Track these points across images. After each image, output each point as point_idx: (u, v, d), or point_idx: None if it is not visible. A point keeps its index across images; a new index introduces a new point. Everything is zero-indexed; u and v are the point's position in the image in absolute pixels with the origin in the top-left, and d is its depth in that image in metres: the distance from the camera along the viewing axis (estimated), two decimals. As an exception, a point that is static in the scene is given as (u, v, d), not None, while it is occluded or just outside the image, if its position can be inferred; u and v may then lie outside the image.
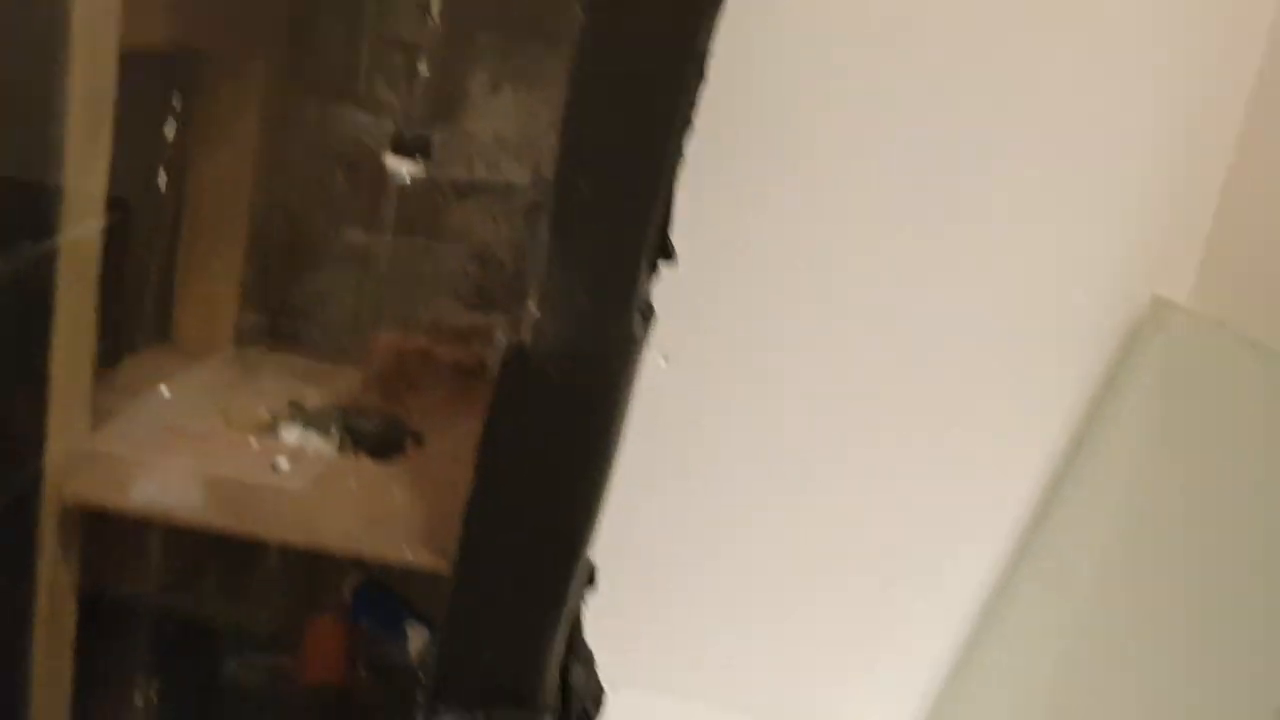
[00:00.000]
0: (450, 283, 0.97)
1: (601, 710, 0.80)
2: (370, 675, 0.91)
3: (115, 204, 0.69)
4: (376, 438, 0.82)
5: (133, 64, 0.65)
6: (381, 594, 0.87)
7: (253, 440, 0.79)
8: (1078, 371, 1.07)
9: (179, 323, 0.91)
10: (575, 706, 0.76)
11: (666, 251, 0.66)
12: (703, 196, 0.66)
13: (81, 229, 0.65)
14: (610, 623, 0.82)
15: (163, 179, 0.86)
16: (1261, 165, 0.99)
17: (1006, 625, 1.13)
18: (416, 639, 0.83)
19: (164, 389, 0.83)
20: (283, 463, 0.76)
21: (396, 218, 0.93)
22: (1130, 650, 0.99)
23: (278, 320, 0.97)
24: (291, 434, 0.81)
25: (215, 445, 0.77)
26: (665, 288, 0.67)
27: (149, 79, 0.79)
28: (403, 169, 0.78)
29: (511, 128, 0.95)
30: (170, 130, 0.85)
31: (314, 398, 0.87)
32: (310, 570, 0.95)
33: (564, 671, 0.73)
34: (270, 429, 0.81)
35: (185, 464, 0.73)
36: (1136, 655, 0.98)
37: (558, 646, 0.70)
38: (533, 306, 0.60)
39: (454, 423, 0.89)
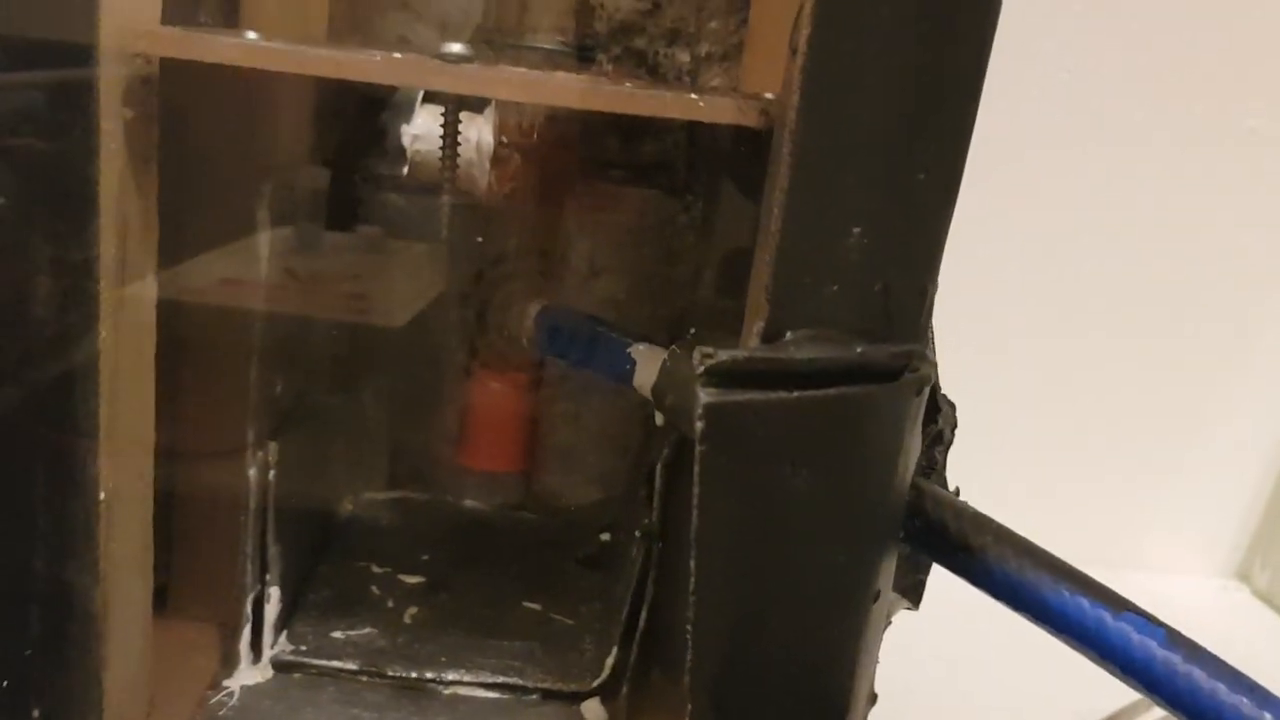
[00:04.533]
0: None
1: (954, 439, 0.52)
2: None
3: None
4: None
5: None
6: (587, 323, 0.60)
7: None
8: None
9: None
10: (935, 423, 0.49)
11: None
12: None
13: None
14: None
15: None
16: None
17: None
18: (648, 363, 0.55)
19: (250, 33, 0.56)
20: (454, 46, 0.49)
21: None
22: None
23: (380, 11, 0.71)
24: (454, 48, 0.53)
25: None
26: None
27: None
28: None
29: None
30: None
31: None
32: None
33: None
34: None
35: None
36: None
37: (935, 281, 0.43)
38: None
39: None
